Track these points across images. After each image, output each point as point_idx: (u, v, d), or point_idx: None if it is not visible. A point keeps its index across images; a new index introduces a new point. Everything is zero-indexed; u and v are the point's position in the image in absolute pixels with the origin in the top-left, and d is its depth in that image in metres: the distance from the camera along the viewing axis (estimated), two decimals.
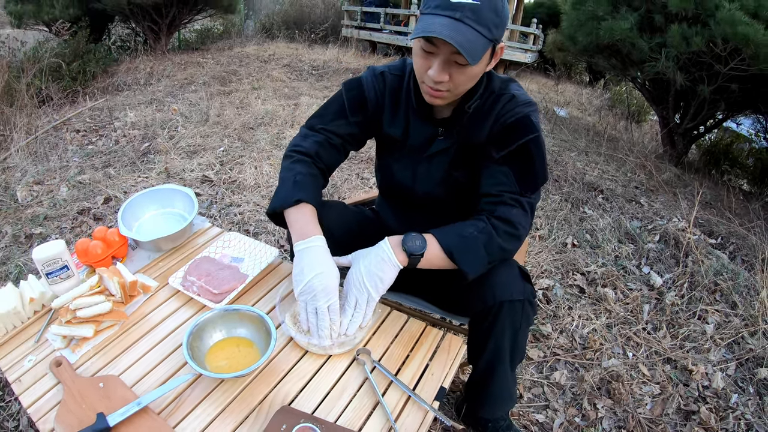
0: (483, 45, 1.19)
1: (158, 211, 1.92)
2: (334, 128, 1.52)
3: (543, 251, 3.04)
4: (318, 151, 1.49)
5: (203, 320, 1.36)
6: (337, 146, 1.53)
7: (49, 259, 1.49)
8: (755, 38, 3.69)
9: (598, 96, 9.22)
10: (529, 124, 1.36)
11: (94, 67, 6.35)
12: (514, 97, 1.39)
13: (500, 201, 1.36)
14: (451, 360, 1.39)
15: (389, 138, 1.56)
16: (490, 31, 1.19)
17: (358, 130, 1.55)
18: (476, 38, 1.17)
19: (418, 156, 1.53)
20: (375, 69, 1.54)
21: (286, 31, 10.61)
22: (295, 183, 1.41)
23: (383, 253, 1.33)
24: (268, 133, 4.55)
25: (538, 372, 2.19)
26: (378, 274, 1.31)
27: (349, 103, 1.52)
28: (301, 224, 1.37)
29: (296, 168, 1.46)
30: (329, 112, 1.55)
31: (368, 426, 1.19)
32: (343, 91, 1.54)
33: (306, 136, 1.54)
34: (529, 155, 1.36)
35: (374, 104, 1.52)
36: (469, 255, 1.32)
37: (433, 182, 1.54)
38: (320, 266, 1.30)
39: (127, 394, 1.23)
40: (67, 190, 3.40)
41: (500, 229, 1.34)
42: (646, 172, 4.53)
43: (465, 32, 1.16)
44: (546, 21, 10.75)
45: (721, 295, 2.77)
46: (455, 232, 1.35)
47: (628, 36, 4.50)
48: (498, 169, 1.38)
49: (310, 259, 1.31)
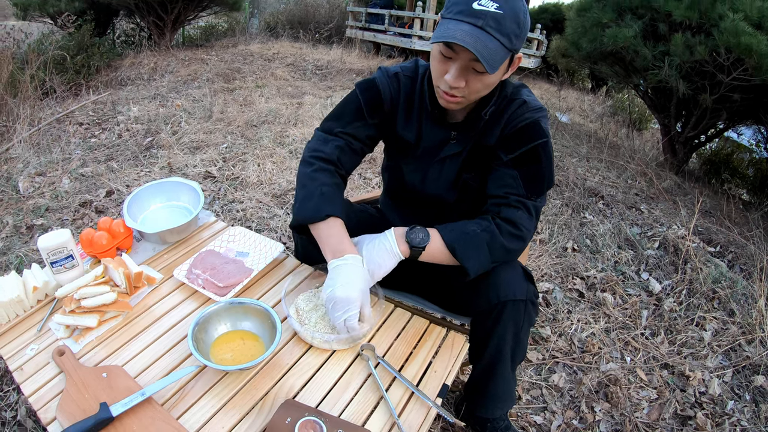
0: (502, 55, 1.19)
1: (164, 203, 1.92)
2: (353, 131, 1.50)
3: (543, 255, 3.04)
4: (340, 157, 1.47)
5: (209, 312, 1.36)
6: (356, 150, 1.52)
7: (55, 248, 1.49)
8: (758, 49, 3.71)
9: (600, 103, 9.23)
10: (538, 130, 1.37)
11: (98, 60, 6.36)
12: (525, 102, 1.40)
13: (505, 203, 1.38)
14: (454, 357, 1.40)
15: (402, 140, 1.55)
16: (510, 41, 1.19)
17: (376, 132, 1.54)
18: (496, 47, 1.17)
19: (430, 159, 1.53)
20: (388, 70, 1.53)
21: (290, 30, 10.63)
22: (322, 195, 1.39)
23: (386, 242, 1.35)
24: (272, 131, 4.56)
25: (537, 374, 2.20)
26: (378, 260, 1.34)
27: (366, 105, 1.49)
28: (335, 241, 1.36)
29: (321, 178, 1.43)
30: (346, 113, 1.52)
31: (372, 421, 1.20)
32: (358, 92, 1.51)
33: (326, 141, 1.50)
34: (537, 159, 1.37)
35: (390, 105, 1.51)
36: (471, 252, 1.34)
37: (443, 185, 1.55)
38: (346, 278, 1.29)
39: (131, 384, 1.23)
40: (69, 183, 3.40)
41: (504, 229, 1.35)
42: (646, 179, 4.54)
43: (485, 40, 1.16)
44: (550, 27, 10.79)
45: (719, 302, 2.78)
46: (459, 229, 1.37)
47: (631, 43, 4.51)
48: (506, 171, 1.39)
49: (344, 274, 1.30)
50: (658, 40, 4.50)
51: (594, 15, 4.91)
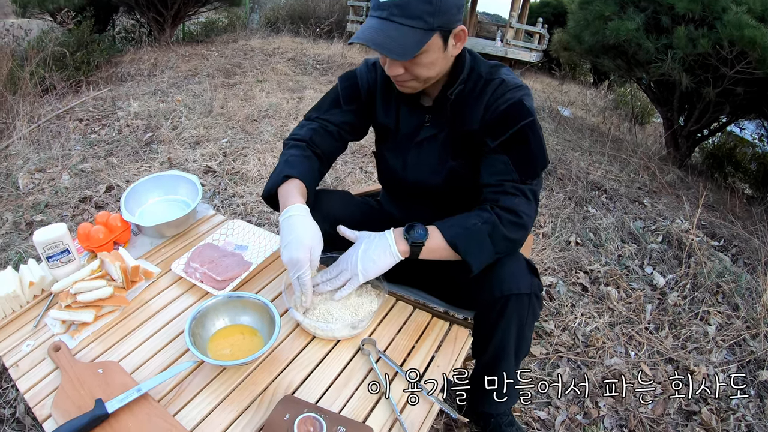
0: (417, 38, 1.20)
1: (162, 197, 1.90)
2: (329, 117, 1.56)
3: (546, 249, 3.02)
4: (312, 137, 1.52)
5: (206, 307, 1.34)
6: (332, 133, 1.55)
7: (50, 242, 1.47)
8: (762, 42, 3.68)
9: (602, 97, 9.19)
10: (522, 109, 1.34)
11: (98, 57, 6.33)
12: (504, 81, 1.37)
13: (502, 191, 1.35)
14: (457, 352, 1.37)
15: (383, 127, 1.59)
16: (424, 21, 1.19)
17: (354, 118, 1.57)
18: (405, 34, 1.19)
19: (408, 143, 1.54)
20: (368, 60, 1.58)
21: (290, 25, 10.59)
22: (286, 163, 1.45)
23: (385, 242, 1.33)
24: (272, 125, 4.54)
25: (541, 369, 2.18)
26: (373, 258, 1.32)
27: (343, 94, 1.56)
28: (284, 197, 1.38)
29: (290, 152, 1.50)
30: (325, 103, 1.59)
31: (373, 417, 1.17)
32: (338, 82, 1.58)
33: (302, 126, 1.57)
34: (526, 141, 1.34)
35: (366, 93, 1.55)
36: (473, 246, 1.31)
37: (424, 170, 1.53)
38: (290, 236, 1.29)
39: (127, 380, 1.21)
40: (69, 178, 3.38)
41: (504, 219, 1.32)
42: (649, 173, 4.51)
43: (389, 31, 1.19)
44: (551, 20, 10.74)
45: (723, 297, 2.75)
46: (459, 224, 1.34)
47: (634, 36, 4.47)
48: (496, 158, 1.37)
49: (286, 230, 1.31)
50: (660, 33, 4.46)
51: (596, 8, 4.86)
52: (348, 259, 1.34)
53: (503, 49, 9.58)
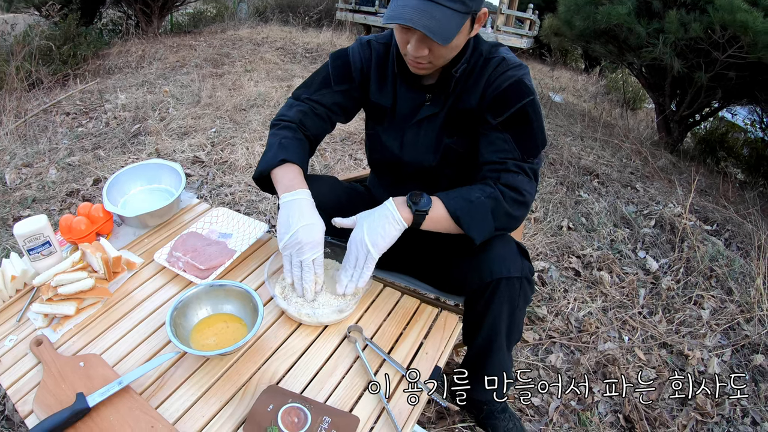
0: (457, 21, 1.19)
1: (145, 186, 1.86)
2: (319, 98, 1.52)
3: (538, 233, 3.00)
4: (302, 119, 1.49)
5: (188, 296, 1.31)
6: (321, 116, 1.52)
7: (31, 235, 1.44)
8: (753, 26, 3.65)
9: (593, 83, 9.18)
10: (523, 88, 1.34)
11: (85, 50, 6.24)
12: (505, 59, 1.38)
13: (504, 168, 1.34)
14: (446, 338, 1.35)
15: (377, 106, 1.55)
16: (464, 5, 1.18)
17: (344, 99, 1.54)
18: (448, 17, 1.17)
19: (406, 123, 1.51)
20: (362, 38, 1.55)
21: (279, 15, 10.51)
22: (280, 145, 1.41)
23: (386, 211, 1.30)
24: (261, 114, 4.50)
25: (534, 355, 2.16)
26: (379, 231, 1.28)
27: (334, 72, 1.52)
28: (288, 179, 1.35)
29: (281, 133, 1.45)
30: (315, 82, 1.55)
31: (360, 406, 1.15)
32: (329, 61, 1.55)
33: (291, 106, 1.53)
34: (527, 119, 1.34)
35: (359, 72, 1.52)
36: (476, 220, 1.30)
37: (421, 149, 1.51)
38: (307, 218, 1.28)
39: (109, 373, 1.18)
40: (56, 173, 3.34)
41: (507, 196, 1.31)
42: (641, 158, 4.50)
43: (435, 13, 1.16)
44: (542, 6, 10.68)
45: (716, 281, 2.74)
46: (461, 196, 1.32)
47: (625, 21, 4.44)
48: (497, 135, 1.36)
49: (297, 211, 1.29)
50: (652, 17, 4.43)
51: None
52: (356, 243, 1.30)
53: (494, 35, 9.50)
